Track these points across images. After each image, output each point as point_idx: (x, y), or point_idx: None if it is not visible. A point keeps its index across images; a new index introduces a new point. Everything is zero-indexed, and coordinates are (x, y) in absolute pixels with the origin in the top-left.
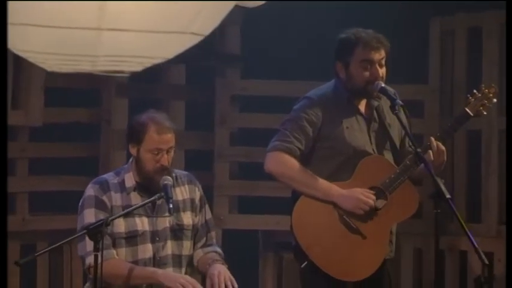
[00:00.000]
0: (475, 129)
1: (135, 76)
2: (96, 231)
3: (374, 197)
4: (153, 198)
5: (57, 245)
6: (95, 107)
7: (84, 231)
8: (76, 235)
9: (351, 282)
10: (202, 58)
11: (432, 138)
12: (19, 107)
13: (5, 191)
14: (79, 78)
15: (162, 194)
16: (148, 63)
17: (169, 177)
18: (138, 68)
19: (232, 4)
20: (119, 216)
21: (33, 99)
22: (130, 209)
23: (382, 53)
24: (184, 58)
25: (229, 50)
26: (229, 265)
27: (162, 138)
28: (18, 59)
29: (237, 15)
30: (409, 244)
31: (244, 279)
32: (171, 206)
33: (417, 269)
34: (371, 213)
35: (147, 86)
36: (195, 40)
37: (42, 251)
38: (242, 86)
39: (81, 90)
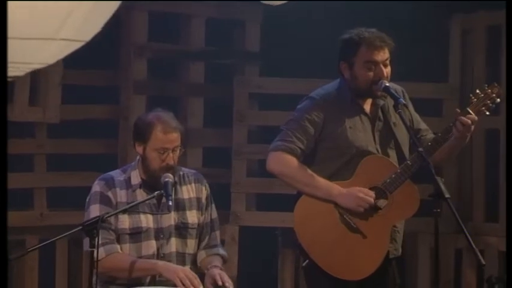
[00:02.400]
0: (493, 128)
1: (153, 73)
2: (92, 227)
3: (373, 195)
4: (152, 195)
5: (51, 241)
6: (113, 104)
7: (80, 227)
8: (72, 231)
9: (354, 281)
10: (222, 56)
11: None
12: (37, 103)
13: (5, 190)
14: (98, 76)
15: (162, 191)
16: (27, 68)
17: (170, 175)
18: (19, 74)
19: (114, 6)
20: (116, 213)
21: (50, 96)
22: (129, 205)
23: (386, 53)
24: (204, 56)
25: (249, 48)
26: (248, 262)
27: (168, 137)
28: None
29: (257, 13)
30: (425, 243)
31: (263, 276)
32: (170, 203)
33: (434, 268)
34: (371, 212)
35: (165, 84)
36: (74, 46)
37: (32, 248)
38: (260, 84)
39: (100, 88)
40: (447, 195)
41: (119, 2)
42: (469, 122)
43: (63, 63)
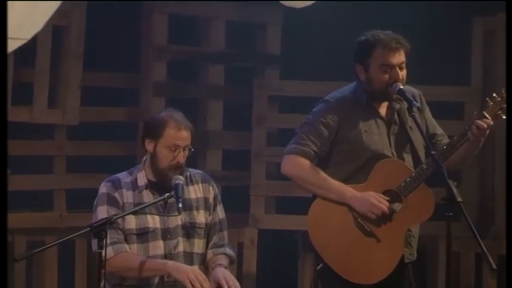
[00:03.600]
0: None
1: (173, 76)
2: (100, 229)
3: (387, 203)
4: (162, 197)
5: (56, 243)
6: (132, 106)
7: (88, 228)
8: (79, 232)
9: (368, 285)
10: (242, 58)
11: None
12: (56, 106)
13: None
14: (118, 78)
15: (172, 193)
16: None
17: (181, 177)
18: None
19: (54, 6)
20: (125, 215)
21: (70, 99)
22: (139, 207)
23: (402, 55)
24: (223, 58)
25: (269, 50)
26: (267, 265)
27: (180, 134)
28: (56, 59)
29: (278, 15)
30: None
31: (282, 280)
32: (180, 205)
33: (455, 274)
34: (386, 216)
35: (185, 86)
36: (15, 44)
37: (39, 249)
38: (280, 87)
39: (120, 90)
40: (459, 199)
41: (59, 2)
42: (485, 126)
43: (82, 65)
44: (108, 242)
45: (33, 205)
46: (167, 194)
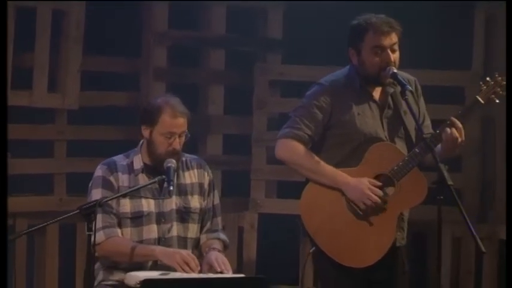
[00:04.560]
0: None
1: (174, 60)
2: (90, 211)
3: (380, 192)
4: (153, 180)
5: (45, 224)
6: (133, 91)
7: (77, 210)
8: (68, 214)
9: (360, 270)
10: (243, 43)
11: (453, 118)
12: (56, 90)
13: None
14: (118, 63)
15: (164, 176)
16: None
17: (173, 160)
18: None
19: None
20: (113, 198)
21: (70, 83)
22: (130, 190)
23: (394, 38)
24: (224, 43)
25: (271, 35)
26: (268, 249)
27: (175, 121)
28: (56, 44)
29: (280, 1)
30: (448, 233)
31: (282, 264)
32: (171, 188)
33: (456, 258)
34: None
35: (185, 71)
36: None
37: (26, 231)
38: (281, 71)
39: (120, 74)
40: (450, 182)
41: None
42: (460, 125)
43: (82, 50)
44: (100, 226)
45: (34, 189)
46: (158, 177)
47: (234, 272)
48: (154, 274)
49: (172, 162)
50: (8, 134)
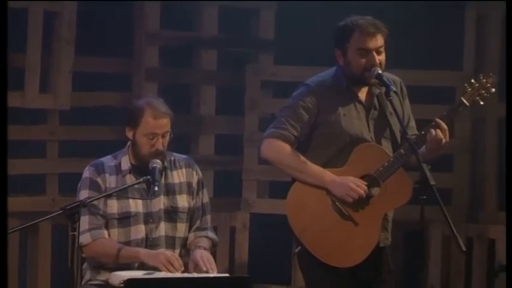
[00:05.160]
0: (505, 116)
1: (166, 61)
2: (74, 212)
3: (365, 187)
4: (138, 180)
5: (33, 223)
6: (125, 92)
7: (61, 211)
8: (52, 214)
9: (346, 268)
10: (235, 44)
11: (438, 119)
12: (48, 90)
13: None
14: (110, 63)
15: (149, 177)
16: None
17: (158, 161)
18: None
19: None
20: (97, 198)
21: (61, 84)
22: (114, 190)
23: (379, 40)
24: (216, 43)
25: (263, 35)
26: (260, 249)
27: (157, 122)
28: (48, 45)
29: (272, 2)
30: (438, 232)
31: (274, 263)
32: (156, 188)
33: (446, 257)
34: (364, 200)
35: (177, 71)
36: None
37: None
38: (272, 72)
39: (113, 75)
40: (432, 182)
41: None
42: (445, 126)
43: (74, 50)
44: (86, 227)
45: (26, 189)
46: (143, 178)
47: (225, 271)
48: (138, 274)
49: (157, 163)
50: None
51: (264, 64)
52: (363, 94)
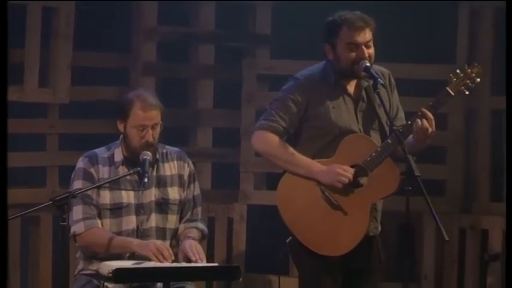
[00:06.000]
0: (499, 108)
1: (164, 56)
2: (63, 203)
3: (352, 171)
4: (129, 172)
5: (25, 213)
6: (123, 86)
7: (50, 202)
8: (43, 205)
9: (337, 258)
10: (231, 38)
11: (424, 109)
12: (47, 85)
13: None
14: (108, 58)
15: (139, 168)
16: None
17: (148, 153)
18: None
19: None
20: (87, 190)
21: (60, 78)
22: (105, 181)
23: (368, 34)
24: (213, 38)
25: (260, 30)
26: (257, 239)
27: (146, 115)
28: (47, 40)
29: None
30: (431, 223)
31: (272, 254)
32: (146, 180)
33: (440, 247)
34: (352, 190)
35: (175, 66)
36: None
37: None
38: (268, 66)
39: (111, 70)
40: (417, 173)
41: None
42: (431, 116)
43: (73, 46)
44: (80, 217)
45: (27, 181)
46: (133, 169)
47: (222, 262)
48: (127, 264)
49: (147, 155)
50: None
51: (260, 58)
52: (351, 87)
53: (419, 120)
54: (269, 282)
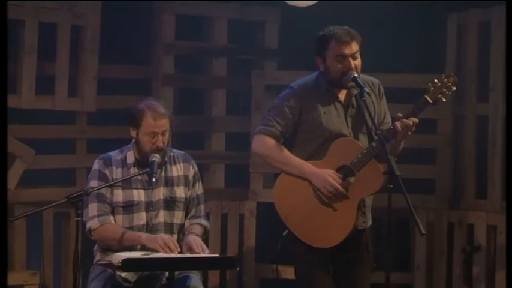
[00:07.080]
0: (483, 115)
1: (181, 68)
2: (78, 200)
3: (340, 181)
4: (138, 173)
5: (38, 210)
6: (144, 95)
7: (65, 199)
8: (57, 202)
9: (327, 250)
10: (242, 52)
11: (400, 115)
12: (75, 95)
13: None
14: (132, 70)
15: (148, 169)
16: None
17: (157, 155)
18: None
19: None
20: (99, 188)
21: (87, 88)
22: (116, 181)
23: (354, 47)
24: (226, 52)
25: (268, 45)
26: (266, 234)
27: (157, 123)
28: (75, 54)
29: (276, 14)
30: (422, 218)
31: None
32: (154, 179)
33: (430, 241)
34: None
35: (191, 77)
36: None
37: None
38: (275, 77)
39: (134, 81)
40: (398, 173)
41: None
42: (410, 123)
43: (99, 59)
44: (95, 213)
45: (59, 181)
46: (142, 170)
47: (234, 254)
48: (137, 254)
49: (156, 157)
50: (35, 134)
51: (268, 70)
52: (342, 95)
53: (397, 124)
54: (277, 271)
